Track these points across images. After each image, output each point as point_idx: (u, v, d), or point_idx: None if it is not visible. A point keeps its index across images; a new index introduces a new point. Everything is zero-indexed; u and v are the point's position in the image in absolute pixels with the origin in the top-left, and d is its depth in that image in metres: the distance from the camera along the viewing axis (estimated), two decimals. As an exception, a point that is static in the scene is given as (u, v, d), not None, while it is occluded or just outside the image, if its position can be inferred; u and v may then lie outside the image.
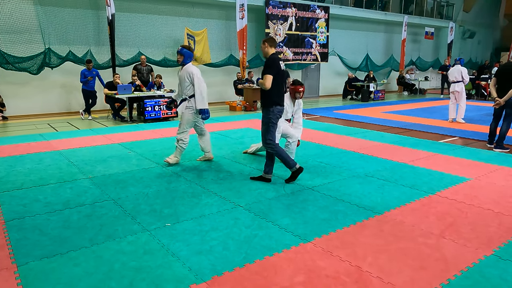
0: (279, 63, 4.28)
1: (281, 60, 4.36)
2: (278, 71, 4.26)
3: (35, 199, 4.11)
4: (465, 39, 22.77)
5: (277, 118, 4.36)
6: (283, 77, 4.36)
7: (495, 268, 2.72)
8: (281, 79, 4.33)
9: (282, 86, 4.37)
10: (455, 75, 9.21)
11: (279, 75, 4.28)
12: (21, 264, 2.77)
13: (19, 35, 9.71)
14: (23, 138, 7.34)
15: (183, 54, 5.24)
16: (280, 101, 4.38)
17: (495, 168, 5.26)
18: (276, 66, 4.23)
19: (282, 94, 4.40)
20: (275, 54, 4.35)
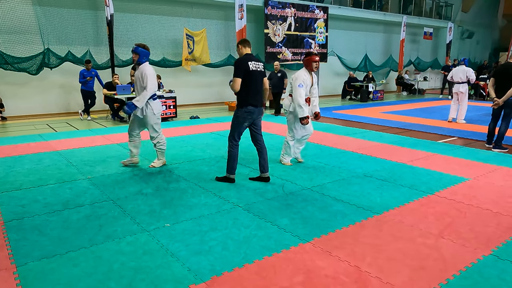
0: (247, 64, 4.24)
1: (253, 60, 4.33)
2: (247, 73, 4.25)
3: (34, 199, 4.10)
4: (464, 39, 22.81)
5: (244, 118, 4.39)
6: (255, 77, 4.32)
7: (494, 268, 2.73)
8: (253, 80, 4.31)
9: (253, 86, 4.33)
10: (459, 76, 9.13)
11: (249, 76, 4.27)
12: (20, 265, 2.77)
13: (18, 36, 9.71)
14: (22, 139, 7.33)
15: (138, 53, 4.92)
16: (253, 101, 4.36)
17: (493, 168, 5.27)
18: (243, 68, 4.24)
19: (254, 94, 4.36)
20: (246, 55, 4.35)
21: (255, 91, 4.37)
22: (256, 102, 4.39)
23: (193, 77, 12.93)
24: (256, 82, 4.36)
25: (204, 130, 8.25)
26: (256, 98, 4.39)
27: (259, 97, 4.43)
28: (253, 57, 4.40)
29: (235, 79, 4.26)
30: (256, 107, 4.40)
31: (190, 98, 12.98)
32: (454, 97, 9.32)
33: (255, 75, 4.32)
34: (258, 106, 4.43)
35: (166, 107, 9.65)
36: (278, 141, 7.09)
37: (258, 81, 4.39)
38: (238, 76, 4.25)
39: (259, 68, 4.39)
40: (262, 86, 4.50)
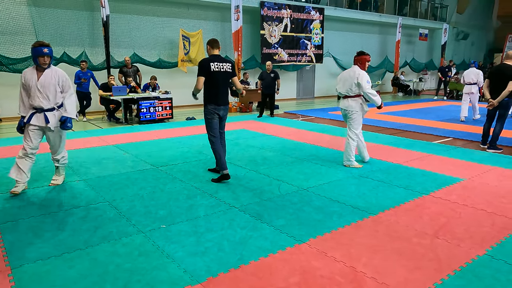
0: (208, 65, 4.49)
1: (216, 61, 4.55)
2: (209, 73, 4.50)
3: (29, 201, 4.08)
4: (459, 40, 22.96)
5: (211, 114, 4.63)
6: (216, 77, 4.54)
7: (488, 268, 2.74)
8: (214, 80, 4.55)
9: (215, 86, 4.58)
10: (471, 77, 9.70)
11: (211, 76, 4.52)
12: (15, 267, 2.76)
13: (13, 37, 9.66)
14: (17, 140, 7.29)
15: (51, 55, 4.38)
16: (215, 99, 4.60)
17: (488, 169, 5.30)
18: (205, 69, 4.49)
19: (216, 93, 4.60)
20: (212, 56, 4.62)
21: (217, 90, 4.61)
22: (218, 101, 4.63)
23: (189, 78, 12.89)
24: (218, 82, 4.59)
25: (200, 132, 8.24)
26: (218, 97, 4.63)
27: (221, 95, 4.66)
28: (219, 58, 4.63)
29: (197, 78, 4.52)
30: (219, 106, 4.63)
31: (186, 100, 12.92)
32: (465, 97, 9.88)
33: (217, 75, 4.55)
34: (221, 104, 4.65)
35: (162, 108, 9.64)
36: (276, 142, 7.11)
37: (221, 80, 4.61)
38: (200, 75, 4.52)
39: (223, 69, 4.59)
40: (226, 85, 4.74)
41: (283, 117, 10.43)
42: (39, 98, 4.36)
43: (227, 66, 4.65)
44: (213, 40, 4.75)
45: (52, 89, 4.35)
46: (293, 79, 16.02)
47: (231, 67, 4.71)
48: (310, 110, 12.23)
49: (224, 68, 4.62)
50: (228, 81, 4.74)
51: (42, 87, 4.32)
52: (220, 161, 4.71)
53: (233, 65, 4.79)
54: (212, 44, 4.72)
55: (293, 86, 16.17)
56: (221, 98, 4.67)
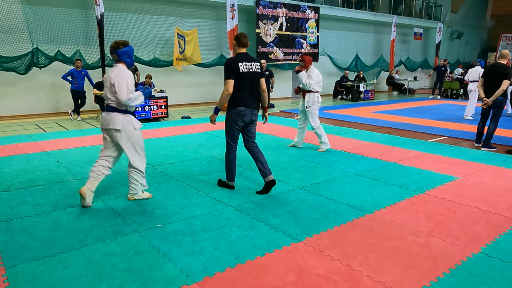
0: (237, 66, 3.96)
1: (244, 61, 4.02)
2: (238, 75, 3.97)
3: (23, 201, 4.05)
4: (453, 39, 23.07)
5: (234, 120, 4.11)
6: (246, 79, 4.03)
7: (483, 265, 2.76)
8: (244, 82, 4.02)
9: (244, 88, 4.04)
10: (473, 76, 9.94)
11: (240, 78, 3.98)
12: (9, 267, 2.73)
13: (6, 35, 9.56)
14: (10, 139, 7.23)
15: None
16: (243, 102, 4.07)
17: (482, 167, 5.34)
18: (233, 70, 3.96)
19: (245, 95, 4.07)
20: (238, 55, 4.08)
21: (246, 92, 4.07)
22: (247, 104, 4.09)
23: (185, 77, 12.88)
24: (246, 83, 4.05)
25: (196, 130, 8.22)
26: (246, 99, 4.09)
27: (251, 98, 4.13)
28: (247, 56, 4.09)
29: (226, 81, 3.98)
30: (247, 108, 4.10)
31: (181, 98, 12.93)
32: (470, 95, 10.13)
33: (246, 76, 4.02)
34: (250, 107, 4.11)
35: (157, 107, 9.60)
36: (271, 140, 7.11)
37: (249, 82, 4.07)
38: (229, 78, 3.98)
39: (252, 69, 4.06)
40: (256, 87, 4.18)
41: (278, 116, 10.43)
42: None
43: (256, 65, 4.11)
44: (242, 35, 4.10)
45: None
46: (288, 78, 16.02)
47: (259, 67, 4.18)
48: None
49: (253, 68, 4.07)
50: (257, 83, 4.16)
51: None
52: (229, 172, 4.34)
53: (261, 64, 4.30)
54: (240, 41, 4.08)
55: (289, 85, 16.17)
56: (249, 101, 4.10)
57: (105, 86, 3.93)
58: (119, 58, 3.95)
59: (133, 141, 3.91)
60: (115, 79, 3.78)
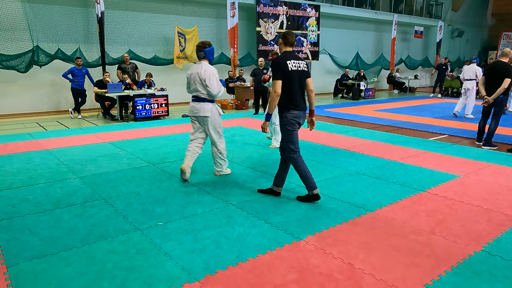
0: (285, 64, 3.75)
1: (292, 59, 3.81)
2: (286, 74, 3.76)
3: (24, 199, 4.05)
4: (454, 38, 23.03)
5: (291, 123, 3.87)
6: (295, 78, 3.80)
7: (485, 264, 2.76)
8: (293, 81, 3.79)
9: (294, 88, 3.81)
10: (469, 74, 9.82)
11: (289, 78, 3.77)
12: (11, 265, 2.73)
13: (6, 33, 9.55)
14: (11, 137, 7.23)
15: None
16: (295, 104, 3.83)
17: (484, 166, 5.33)
18: (282, 69, 3.75)
19: (296, 96, 3.84)
20: (285, 53, 3.87)
21: (297, 92, 3.84)
22: (299, 105, 3.87)
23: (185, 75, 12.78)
24: (296, 83, 3.81)
25: (196, 129, 8.21)
26: (299, 100, 3.86)
27: (301, 100, 3.90)
28: (293, 55, 3.89)
29: (275, 82, 3.74)
30: (301, 111, 3.88)
31: (182, 97, 12.89)
32: (463, 93, 10.01)
33: (295, 75, 3.79)
34: (303, 110, 3.91)
35: (158, 105, 9.60)
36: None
37: (299, 81, 3.83)
38: (277, 78, 3.74)
39: (300, 68, 3.84)
40: (303, 87, 3.91)
41: (279, 114, 10.41)
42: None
43: (303, 64, 3.89)
44: (289, 33, 3.90)
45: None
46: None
47: (306, 66, 3.95)
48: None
49: (301, 67, 3.85)
50: (304, 82, 3.90)
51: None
52: (308, 180, 3.91)
53: (308, 64, 4.07)
54: (287, 39, 3.88)
55: (289, 83, 16.15)
56: (301, 102, 3.89)
57: (194, 80, 4.59)
58: (205, 55, 4.59)
59: (216, 125, 4.67)
60: (205, 75, 4.47)
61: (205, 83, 4.46)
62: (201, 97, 4.59)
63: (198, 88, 4.57)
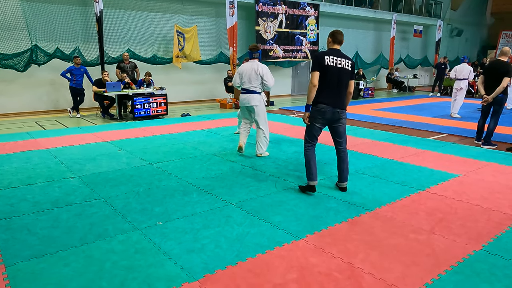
0: (323, 58, 3.87)
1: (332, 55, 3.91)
2: (322, 67, 3.87)
3: (23, 198, 4.03)
4: (453, 37, 23.04)
5: (314, 117, 4.02)
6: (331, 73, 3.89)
7: (485, 263, 2.76)
8: (328, 75, 3.89)
9: (327, 83, 3.91)
10: (463, 73, 9.77)
11: (324, 72, 3.88)
12: (9, 265, 2.72)
13: (4, 32, 9.52)
14: (9, 137, 7.21)
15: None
16: (324, 99, 3.94)
17: (483, 165, 5.33)
18: (318, 62, 3.89)
19: (327, 91, 3.93)
20: (329, 50, 3.99)
21: (330, 88, 3.92)
22: (330, 101, 3.93)
23: (184, 74, 12.85)
24: (332, 79, 3.90)
25: (196, 128, 8.20)
26: (329, 96, 3.93)
27: (334, 95, 3.95)
28: (338, 52, 3.95)
29: (312, 74, 3.94)
30: (328, 106, 3.94)
31: (181, 96, 12.91)
32: (455, 93, 9.91)
33: (332, 71, 3.88)
34: (330, 105, 3.94)
35: (156, 104, 9.58)
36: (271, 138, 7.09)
37: (336, 78, 3.90)
38: (314, 69, 3.91)
39: (341, 65, 3.90)
40: (342, 85, 3.96)
41: (278, 113, 10.42)
42: None
43: (346, 63, 3.94)
44: (337, 32, 4.01)
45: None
46: (288, 76, 16.00)
47: (351, 66, 3.99)
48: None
49: (342, 64, 3.90)
50: (345, 80, 3.96)
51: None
52: (310, 171, 4.12)
53: (354, 65, 4.04)
54: (335, 37, 4.00)
55: (288, 82, 16.15)
56: (332, 98, 3.95)
57: (249, 75, 5.49)
58: (258, 56, 5.62)
59: (262, 112, 5.63)
60: (263, 72, 5.46)
61: (264, 78, 5.43)
62: (252, 89, 5.51)
63: (252, 82, 5.49)
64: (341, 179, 4.25)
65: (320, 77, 3.90)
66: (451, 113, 9.97)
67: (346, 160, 4.22)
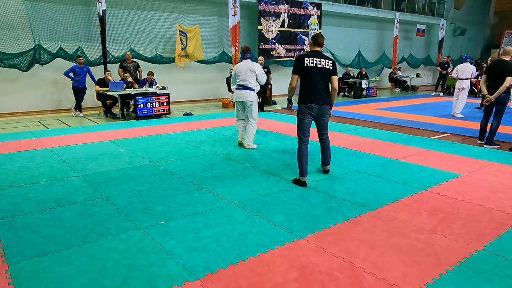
0: (302, 60, 4.26)
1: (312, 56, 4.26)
2: (303, 68, 4.26)
3: (26, 197, 4.06)
4: (456, 36, 22.95)
5: (303, 113, 4.41)
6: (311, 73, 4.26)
7: (486, 263, 2.75)
8: (309, 76, 4.27)
9: (309, 82, 4.29)
10: (465, 73, 9.70)
11: (305, 72, 4.27)
12: (12, 263, 2.74)
13: (8, 31, 9.57)
14: (13, 136, 7.25)
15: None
16: (308, 98, 4.32)
17: (485, 164, 5.32)
18: (297, 64, 4.30)
19: (310, 91, 4.31)
20: (309, 52, 4.40)
21: (313, 87, 4.28)
22: (313, 99, 4.31)
23: (186, 74, 12.87)
24: (314, 78, 4.26)
25: (198, 127, 8.22)
26: (312, 94, 4.30)
27: (317, 93, 4.30)
28: (317, 53, 4.32)
29: (292, 76, 4.40)
30: (314, 104, 4.32)
31: (183, 95, 12.92)
32: (457, 92, 9.84)
33: (313, 70, 4.24)
34: (316, 103, 4.32)
35: (159, 103, 9.60)
36: (274, 137, 7.10)
37: (317, 77, 4.26)
38: (294, 72, 4.36)
39: (321, 65, 4.26)
40: (323, 83, 4.32)
41: (280, 113, 10.42)
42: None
43: (326, 62, 4.30)
44: (318, 35, 4.40)
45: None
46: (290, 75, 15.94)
47: (331, 65, 4.34)
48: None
49: (322, 64, 4.26)
50: (327, 79, 4.32)
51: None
52: (300, 167, 4.42)
53: (334, 63, 4.41)
54: (315, 40, 4.38)
55: (291, 81, 16.12)
56: (315, 96, 4.31)
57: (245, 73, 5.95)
58: (250, 56, 6.04)
59: (255, 108, 6.11)
60: (257, 70, 5.96)
61: (258, 76, 5.97)
62: (248, 86, 5.97)
63: (248, 78, 5.95)
64: (325, 162, 4.84)
65: (303, 77, 4.33)
66: (453, 112, 9.93)
67: (329, 147, 4.81)
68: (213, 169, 5.09)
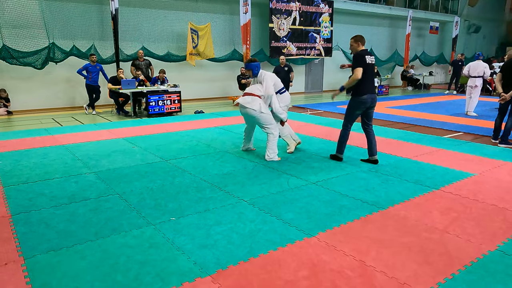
0: (364, 57, 4.83)
1: (367, 55, 4.88)
2: (365, 65, 4.83)
3: (40, 193, 4.14)
4: (470, 33, 22.60)
5: (357, 106, 5.00)
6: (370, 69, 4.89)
7: (500, 263, 2.72)
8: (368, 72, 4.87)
9: (368, 77, 4.90)
10: (477, 71, 9.53)
11: (366, 68, 4.83)
12: (28, 257, 2.80)
13: (23, 30, 9.73)
14: (28, 133, 7.38)
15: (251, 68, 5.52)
16: (367, 90, 4.91)
17: (499, 164, 5.24)
18: (362, 60, 4.82)
19: (368, 84, 4.93)
20: (363, 51, 4.89)
21: (370, 81, 4.96)
22: (372, 90, 4.98)
23: (198, 72, 12.93)
24: (371, 74, 4.94)
25: (209, 125, 8.26)
26: (370, 87, 4.97)
27: (373, 86, 5.04)
28: (368, 52, 4.95)
29: (356, 69, 4.81)
30: (370, 95, 4.94)
31: (194, 93, 12.99)
32: (469, 90, 9.67)
33: (370, 67, 4.90)
34: (374, 93, 5.01)
35: (170, 101, 9.67)
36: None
37: (371, 71, 4.94)
38: (359, 65, 4.82)
39: (372, 61, 4.95)
40: (373, 76, 5.08)
41: (291, 111, 10.40)
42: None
43: (372, 59, 5.00)
44: (361, 36, 4.99)
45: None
46: (301, 73, 15.94)
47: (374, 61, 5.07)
48: (319, 104, 12.17)
49: (373, 61, 4.98)
50: (374, 72, 5.12)
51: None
52: (340, 145, 5.27)
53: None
54: (361, 40, 4.95)
55: (302, 79, 16.10)
56: (373, 88, 5.04)
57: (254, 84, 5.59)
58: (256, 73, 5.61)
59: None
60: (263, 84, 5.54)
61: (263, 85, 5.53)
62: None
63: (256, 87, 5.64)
64: (373, 152, 5.21)
65: (363, 72, 4.83)
66: (466, 111, 9.79)
67: (374, 135, 5.21)
68: (224, 166, 5.11)
